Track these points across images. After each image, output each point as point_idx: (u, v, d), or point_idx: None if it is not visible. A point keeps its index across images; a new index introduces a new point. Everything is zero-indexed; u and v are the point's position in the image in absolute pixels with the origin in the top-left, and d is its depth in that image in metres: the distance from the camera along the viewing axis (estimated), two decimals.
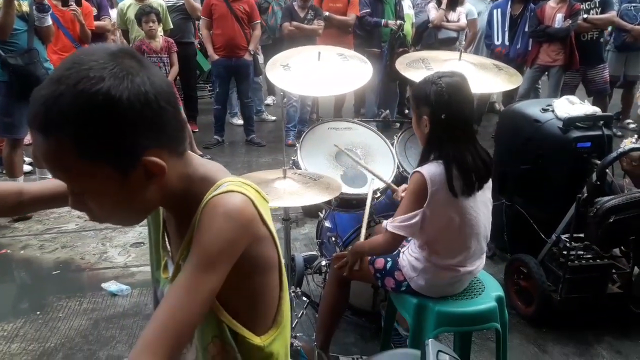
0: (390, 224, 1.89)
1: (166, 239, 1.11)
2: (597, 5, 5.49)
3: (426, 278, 1.91)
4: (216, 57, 5.62)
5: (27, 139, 4.47)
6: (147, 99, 0.84)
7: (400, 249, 2.05)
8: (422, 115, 1.86)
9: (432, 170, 1.83)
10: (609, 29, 6.09)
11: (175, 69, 5.21)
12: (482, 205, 1.91)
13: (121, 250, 3.58)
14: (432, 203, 1.82)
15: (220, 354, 1.04)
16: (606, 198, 2.50)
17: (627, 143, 2.78)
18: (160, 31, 5.54)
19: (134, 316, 2.85)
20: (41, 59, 3.78)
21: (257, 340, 1.04)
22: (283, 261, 1.07)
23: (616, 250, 2.78)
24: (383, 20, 5.83)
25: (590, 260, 2.64)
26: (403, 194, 2.15)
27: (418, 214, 1.83)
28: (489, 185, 1.94)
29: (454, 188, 1.81)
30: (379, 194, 2.47)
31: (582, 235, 2.63)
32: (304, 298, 2.59)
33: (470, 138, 1.87)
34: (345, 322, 2.66)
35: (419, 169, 1.86)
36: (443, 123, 1.81)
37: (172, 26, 5.70)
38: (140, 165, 0.86)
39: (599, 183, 2.51)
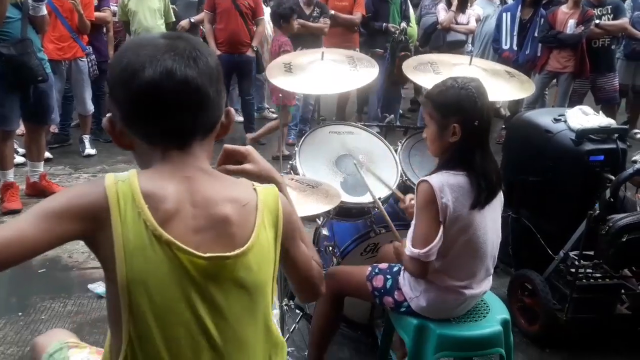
0: (421, 254, 1.69)
1: None
2: (610, 12, 5.37)
3: (428, 299, 1.78)
4: (218, 52, 5.47)
5: (20, 129, 4.35)
6: None
7: (400, 266, 1.92)
8: (449, 124, 1.70)
9: (441, 180, 1.68)
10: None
11: None
12: (490, 221, 1.78)
13: None
14: (443, 216, 1.68)
15: None
16: (619, 216, 2.38)
17: None
18: (162, 24, 5.45)
19: None
20: (35, 49, 3.64)
21: (105, 354, 1.02)
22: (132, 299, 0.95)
23: (626, 270, 2.66)
24: (384, 24, 5.69)
25: (599, 280, 2.52)
26: (412, 202, 1.97)
27: (439, 232, 1.68)
28: (500, 200, 1.81)
29: (480, 200, 1.69)
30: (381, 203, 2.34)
31: (591, 252, 2.51)
32: (297, 311, 2.47)
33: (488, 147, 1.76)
34: (340, 335, 2.54)
35: (426, 178, 1.71)
36: (476, 130, 1.68)
37: (174, 19, 5.61)
38: None
39: (612, 200, 2.38)
